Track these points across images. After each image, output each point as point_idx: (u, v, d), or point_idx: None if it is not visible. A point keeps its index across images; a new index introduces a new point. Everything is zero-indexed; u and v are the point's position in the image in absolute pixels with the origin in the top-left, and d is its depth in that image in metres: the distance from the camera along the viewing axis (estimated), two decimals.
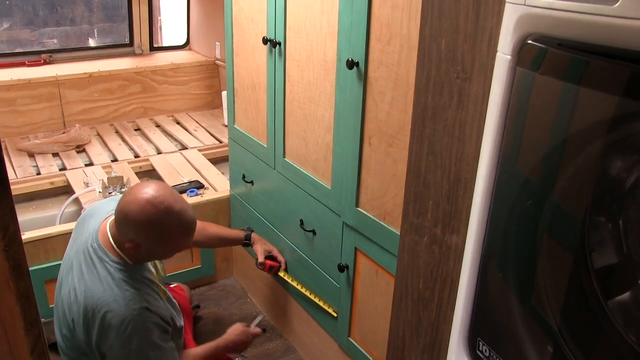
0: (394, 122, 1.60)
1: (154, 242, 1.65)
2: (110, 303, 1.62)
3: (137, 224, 1.61)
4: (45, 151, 3.42)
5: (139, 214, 1.59)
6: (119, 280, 1.65)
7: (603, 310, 0.85)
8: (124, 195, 1.65)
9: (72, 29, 4.42)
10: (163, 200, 1.61)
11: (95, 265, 1.67)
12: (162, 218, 1.61)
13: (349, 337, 2.07)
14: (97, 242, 1.70)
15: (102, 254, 1.68)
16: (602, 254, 0.87)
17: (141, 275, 1.72)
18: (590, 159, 0.82)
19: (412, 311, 1.35)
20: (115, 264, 1.67)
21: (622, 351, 0.83)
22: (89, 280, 1.66)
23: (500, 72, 0.93)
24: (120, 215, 1.63)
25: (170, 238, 1.67)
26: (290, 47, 2.02)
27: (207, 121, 4.00)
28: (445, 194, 1.18)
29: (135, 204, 1.60)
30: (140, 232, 1.62)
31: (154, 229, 1.62)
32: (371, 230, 1.79)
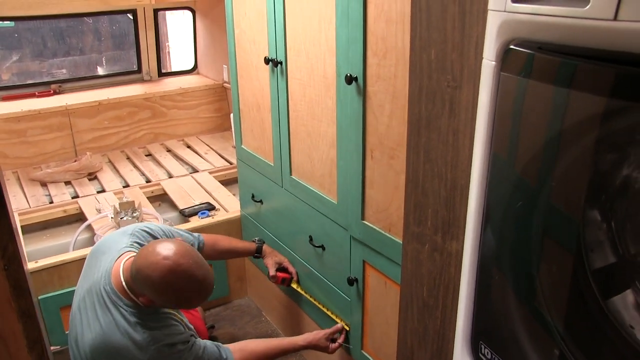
0: (394, 135, 1.62)
1: (170, 304, 1.69)
2: (130, 348, 1.65)
3: (157, 289, 1.60)
4: (58, 180, 3.47)
5: (160, 281, 1.58)
6: (135, 324, 1.67)
7: (602, 310, 0.86)
8: (144, 256, 1.62)
9: (81, 58, 4.50)
10: (186, 270, 1.60)
11: (110, 310, 1.68)
12: (183, 287, 1.61)
13: (362, 350, 2.07)
14: (110, 285, 1.71)
15: (115, 298, 1.69)
16: (599, 254, 0.87)
17: (156, 312, 1.74)
18: (578, 160, 0.83)
19: (419, 319, 1.36)
20: (130, 308, 1.68)
21: (622, 350, 0.83)
22: (105, 325, 1.67)
23: (486, 78, 0.95)
24: (138, 275, 1.61)
25: (187, 302, 1.70)
26: (291, 66, 2.06)
27: (218, 144, 4.04)
28: (443, 201, 1.19)
29: (156, 271, 1.58)
30: (158, 296, 1.62)
31: (173, 295, 1.63)
32: (378, 242, 1.80)
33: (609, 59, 0.73)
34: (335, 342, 2.14)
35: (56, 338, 2.47)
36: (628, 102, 0.73)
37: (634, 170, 0.80)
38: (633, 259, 0.85)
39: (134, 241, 1.86)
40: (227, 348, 1.89)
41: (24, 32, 4.16)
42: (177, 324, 1.77)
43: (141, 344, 1.65)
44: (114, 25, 4.55)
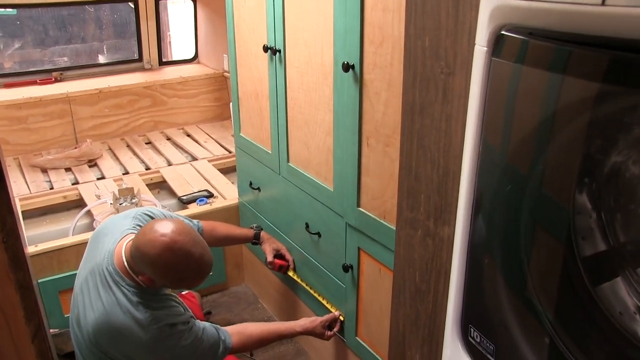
0: (390, 122, 1.63)
1: (169, 282, 1.69)
2: (132, 327, 1.66)
3: (154, 266, 1.62)
4: (58, 166, 3.49)
5: (157, 258, 1.60)
6: (137, 303, 1.68)
7: (591, 297, 0.87)
8: (142, 233, 1.65)
9: (82, 47, 4.51)
10: (182, 246, 1.61)
11: (112, 289, 1.70)
12: (180, 264, 1.63)
13: (357, 337, 2.09)
14: (112, 265, 1.72)
15: (118, 278, 1.71)
16: (590, 242, 0.88)
17: (157, 293, 1.76)
18: (568, 147, 0.84)
19: (410, 305, 1.37)
20: (132, 288, 1.70)
21: (611, 336, 0.85)
22: (107, 304, 1.69)
23: (478, 64, 0.96)
24: (136, 253, 1.64)
25: (186, 280, 1.72)
26: (289, 54, 2.07)
27: (217, 132, 4.06)
28: (436, 187, 1.21)
29: (154, 248, 1.60)
30: (156, 273, 1.64)
31: (171, 273, 1.64)
32: (373, 229, 1.82)
33: (598, 44, 0.74)
34: (332, 329, 2.16)
35: (55, 321, 2.49)
36: (616, 87, 0.75)
37: (622, 158, 0.81)
38: (622, 247, 0.86)
39: (137, 224, 1.87)
40: (226, 330, 1.91)
41: (26, 20, 4.17)
42: (177, 305, 1.79)
43: (143, 322, 1.67)
44: (116, 13, 4.55)
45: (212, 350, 1.82)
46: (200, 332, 1.79)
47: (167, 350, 1.70)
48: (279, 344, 2.64)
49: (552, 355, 0.94)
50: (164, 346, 1.69)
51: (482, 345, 1.08)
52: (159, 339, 1.68)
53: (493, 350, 1.05)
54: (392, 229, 1.73)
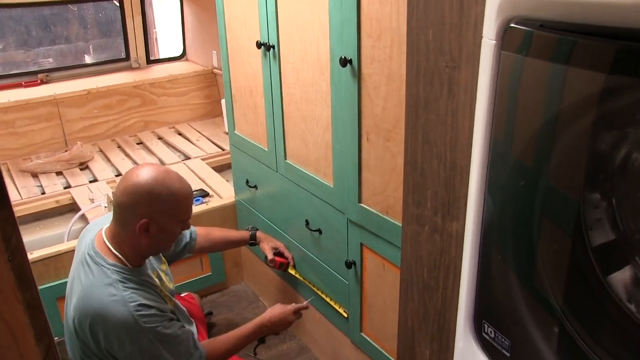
0: (390, 117, 1.62)
1: (164, 208, 1.66)
2: (110, 305, 1.62)
3: (147, 194, 1.63)
4: (49, 170, 3.45)
5: (145, 183, 1.63)
6: (116, 281, 1.65)
7: (602, 286, 0.86)
8: (121, 183, 1.68)
9: (67, 47, 4.45)
10: (157, 168, 1.69)
11: (92, 271, 1.67)
12: (166, 180, 1.66)
13: (361, 333, 2.08)
14: (93, 249, 1.71)
15: (98, 258, 1.68)
16: (599, 232, 0.88)
17: (139, 278, 1.72)
18: (579, 138, 0.83)
19: (419, 300, 1.36)
20: (112, 267, 1.67)
21: (623, 324, 0.84)
22: (86, 286, 1.66)
23: (486, 57, 0.95)
24: (124, 197, 1.64)
25: (178, 201, 1.69)
26: (284, 49, 2.04)
27: (209, 130, 4.02)
28: (443, 182, 1.19)
29: (138, 180, 1.64)
30: (151, 201, 1.64)
31: (163, 193, 1.64)
32: (375, 225, 1.80)
33: (610, 35, 0.73)
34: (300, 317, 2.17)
35: (54, 329, 2.45)
36: (627, 79, 0.73)
37: (632, 149, 0.80)
38: (632, 235, 0.85)
39: None
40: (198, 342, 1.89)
41: (6, 21, 4.09)
42: (157, 294, 1.75)
43: (119, 300, 1.63)
44: (100, 12, 4.50)
45: (187, 354, 1.78)
46: (180, 330, 1.75)
47: (147, 333, 1.65)
48: (281, 341, 2.63)
49: (567, 348, 0.93)
50: (142, 328, 1.64)
51: (497, 341, 1.06)
52: (137, 318, 1.63)
53: (508, 345, 1.04)
54: (395, 224, 1.71)
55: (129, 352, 1.65)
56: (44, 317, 0.80)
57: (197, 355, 1.80)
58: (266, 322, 2.08)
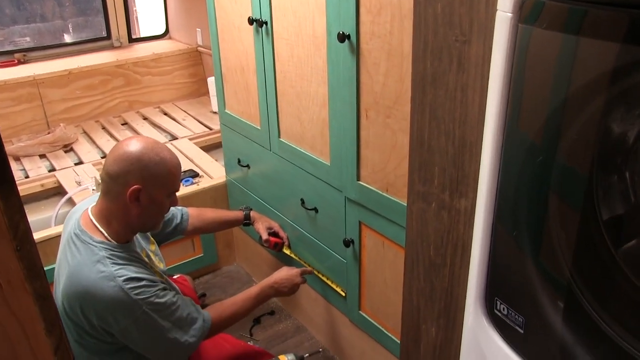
0: (390, 93, 1.59)
1: (155, 176, 1.63)
2: (99, 282, 1.58)
3: (138, 160, 1.61)
4: (31, 153, 3.38)
5: (136, 150, 1.61)
6: (103, 257, 1.62)
7: (614, 259, 0.85)
8: (110, 154, 1.65)
9: (45, 26, 4.33)
10: (147, 138, 1.68)
11: (79, 250, 1.64)
12: (156, 149, 1.64)
13: (360, 311, 2.08)
14: (79, 228, 1.67)
15: (85, 237, 1.65)
16: (610, 205, 0.87)
17: (127, 254, 1.68)
18: (595, 112, 0.82)
19: (425, 278, 1.35)
20: (100, 244, 1.64)
21: (634, 296, 0.84)
22: (74, 265, 1.63)
23: (501, 31, 0.92)
24: (114, 166, 1.62)
25: (168, 169, 1.65)
26: (277, 26, 2.00)
27: (195, 109, 3.97)
28: (451, 159, 1.17)
29: (129, 148, 1.62)
30: (142, 168, 1.61)
31: (154, 160, 1.62)
32: (375, 202, 1.79)
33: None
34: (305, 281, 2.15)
35: None
36: None
37: None
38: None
39: None
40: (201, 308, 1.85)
41: None
42: (147, 269, 1.71)
43: (108, 275, 1.59)
44: None
45: (190, 320, 1.73)
46: (176, 297, 1.71)
47: (140, 305, 1.61)
48: (277, 322, 2.62)
49: (581, 323, 0.93)
50: (134, 300, 1.60)
51: (510, 318, 1.06)
52: (128, 291, 1.59)
53: (522, 322, 1.03)
54: (395, 201, 1.70)
55: (124, 326, 1.62)
56: (54, 307, 0.77)
57: (201, 319, 1.75)
58: (272, 284, 2.03)
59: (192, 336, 1.71)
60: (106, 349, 1.70)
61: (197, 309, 1.77)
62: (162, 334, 1.66)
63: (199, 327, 1.73)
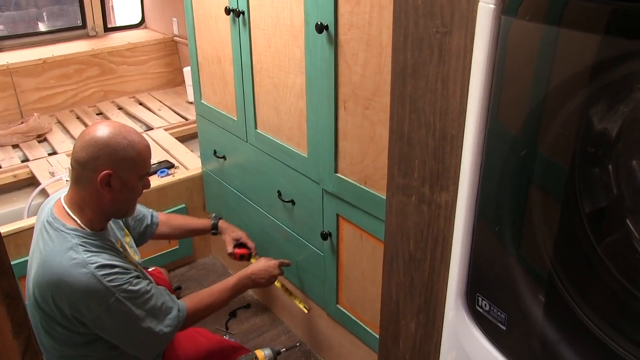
0: (369, 85, 1.57)
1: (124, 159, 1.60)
2: (71, 269, 1.55)
3: (106, 145, 1.57)
4: (4, 143, 3.31)
5: (103, 135, 1.58)
6: (76, 245, 1.58)
7: (596, 252, 0.85)
8: (78, 141, 1.61)
9: (19, 14, 4.25)
10: (113, 123, 1.64)
11: (52, 237, 1.60)
12: (123, 132, 1.60)
13: (337, 305, 2.06)
14: (52, 215, 1.63)
15: (57, 224, 1.61)
16: (592, 198, 0.86)
17: (101, 241, 1.64)
18: (577, 105, 0.81)
19: (404, 272, 1.34)
20: (72, 231, 1.60)
21: (616, 289, 0.83)
22: (46, 254, 1.59)
23: (483, 22, 0.90)
24: (82, 153, 1.58)
25: (137, 151, 1.62)
26: (254, 16, 1.97)
27: (171, 99, 3.91)
28: (432, 151, 1.15)
29: (96, 134, 1.58)
30: (111, 153, 1.57)
31: (122, 143, 1.58)
32: (352, 195, 1.77)
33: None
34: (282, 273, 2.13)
35: None
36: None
37: (633, 114, 0.78)
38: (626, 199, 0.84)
39: None
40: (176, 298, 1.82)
41: None
42: (120, 257, 1.67)
43: (81, 262, 1.55)
44: None
45: (164, 309, 1.69)
46: (150, 286, 1.67)
47: (113, 292, 1.57)
48: (254, 315, 2.60)
49: (566, 320, 0.92)
50: (106, 287, 1.56)
51: (492, 314, 1.04)
52: (100, 278, 1.56)
53: (504, 319, 1.02)
54: (374, 194, 1.68)
55: (97, 314, 1.58)
56: (22, 307, 0.73)
57: (176, 309, 1.72)
58: (249, 274, 2.01)
59: (167, 326, 1.68)
60: (79, 340, 1.66)
61: (172, 299, 1.74)
62: (136, 323, 1.62)
63: (174, 316, 1.70)
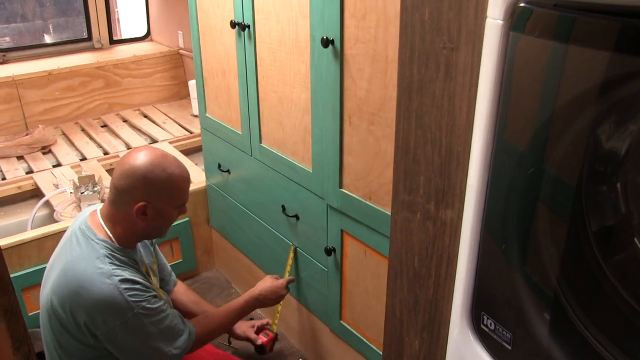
0: (374, 100, 1.56)
1: (161, 192, 1.62)
2: (95, 278, 1.56)
3: (144, 177, 1.59)
4: (9, 155, 3.31)
5: (142, 166, 1.59)
6: (103, 256, 1.60)
7: (603, 271, 0.84)
8: (118, 167, 1.64)
9: (25, 26, 4.27)
10: (155, 152, 1.65)
11: (81, 244, 1.62)
12: (163, 164, 1.62)
13: (341, 320, 2.04)
14: (85, 224, 1.66)
15: (89, 233, 1.63)
16: (600, 216, 0.85)
17: (127, 257, 1.66)
18: (586, 123, 0.80)
19: (409, 289, 1.32)
20: (102, 242, 1.62)
21: (623, 309, 0.82)
22: (71, 259, 1.61)
23: (491, 38, 0.90)
24: (121, 181, 1.61)
25: (175, 184, 1.64)
26: (260, 30, 1.97)
27: (175, 112, 3.91)
28: (437, 168, 1.14)
29: (135, 163, 1.60)
30: (148, 185, 1.60)
31: (160, 176, 1.60)
32: (357, 211, 1.75)
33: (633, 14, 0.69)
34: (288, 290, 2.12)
35: None
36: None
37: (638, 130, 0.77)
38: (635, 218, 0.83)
39: None
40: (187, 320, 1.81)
41: None
42: (143, 276, 1.68)
43: (105, 272, 1.57)
44: None
45: (176, 331, 1.70)
46: (166, 306, 1.69)
47: (132, 307, 1.58)
48: None
49: (572, 341, 0.90)
50: (127, 302, 1.57)
51: (497, 333, 1.03)
52: (123, 292, 1.57)
53: (510, 338, 1.01)
54: (378, 210, 1.67)
55: (112, 327, 1.59)
56: (22, 324, 0.73)
57: (187, 333, 1.73)
58: (257, 296, 2.02)
59: (176, 348, 1.69)
60: (87, 355, 1.66)
61: (183, 322, 1.75)
62: (147, 341, 1.64)
63: (184, 339, 1.72)
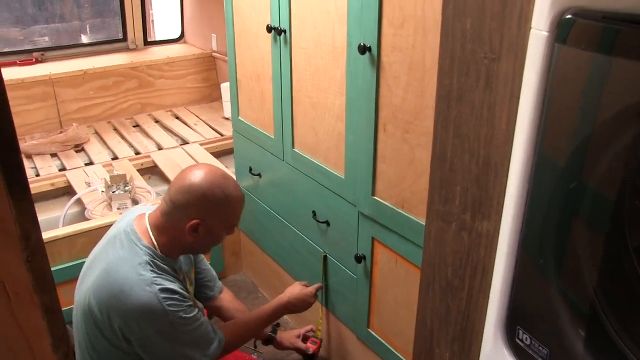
0: (410, 108, 1.55)
1: (216, 211, 1.64)
2: (135, 284, 1.57)
3: (203, 195, 1.60)
4: (43, 152, 3.37)
5: (202, 184, 1.60)
6: (145, 262, 1.61)
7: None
8: (177, 181, 1.65)
9: (63, 26, 4.36)
10: (215, 171, 1.66)
11: (124, 247, 1.64)
12: (222, 184, 1.63)
13: (368, 328, 2.03)
14: (131, 227, 1.67)
15: (133, 237, 1.65)
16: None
17: (168, 266, 1.67)
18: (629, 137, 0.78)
19: (441, 300, 1.31)
20: (145, 248, 1.63)
21: None
22: (113, 260, 1.62)
23: (535, 50, 0.89)
24: (178, 196, 1.62)
25: (232, 206, 1.66)
26: (296, 35, 1.97)
27: (207, 114, 3.95)
28: (474, 178, 1.13)
29: (195, 180, 1.61)
30: (205, 203, 1.61)
31: (218, 196, 1.62)
32: (389, 219, 1.75)
33: None
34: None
35: None
36: None
37: None
38: None
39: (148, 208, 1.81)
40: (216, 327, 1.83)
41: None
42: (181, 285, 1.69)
43: (146, 279, 1.58)
44: None
45: (208, 339, 1.72)
46: (199, 314, 1.71)
47: (169, 316, 1.59)
48: None
49: (610, 357, 0.88)
50: (165, 310, 1.58)
51: (533, 348, 1.02)
52: (162, 300, 1.58)
53: (546, 354, 0.99)
54: (411, 218, 1.66)
55: (147, 334, 1.60)
56: (62, 323, 0.73)
57: (217, 340, 1.74)
58: (285, 304, 2.03)
59: (206, 355, 1.71)
60: (119, 358, 1.67)
61: (214, 330, 1.77)
62: (180, 348, 1.66)
63: (214, 347, 1.74)
